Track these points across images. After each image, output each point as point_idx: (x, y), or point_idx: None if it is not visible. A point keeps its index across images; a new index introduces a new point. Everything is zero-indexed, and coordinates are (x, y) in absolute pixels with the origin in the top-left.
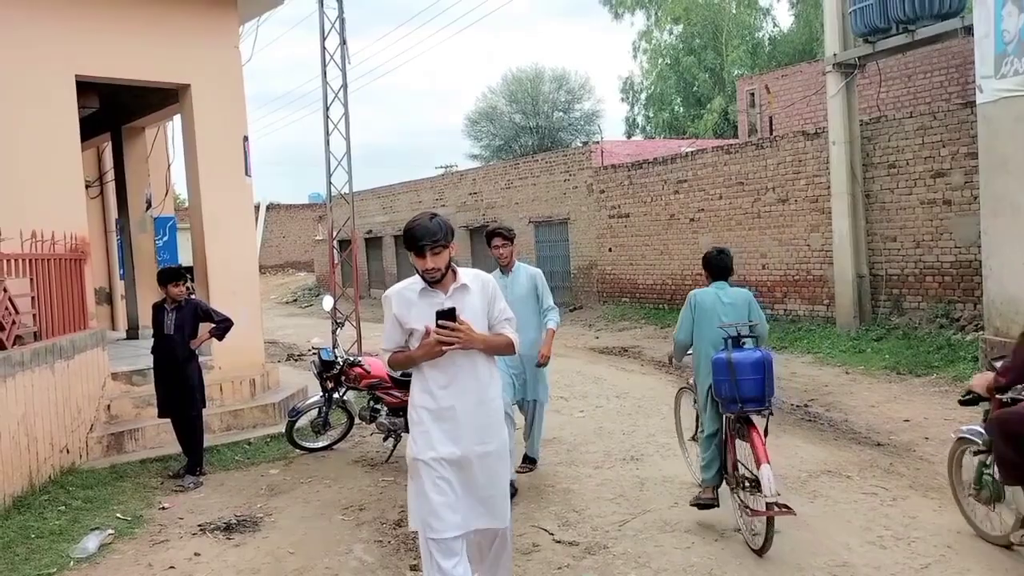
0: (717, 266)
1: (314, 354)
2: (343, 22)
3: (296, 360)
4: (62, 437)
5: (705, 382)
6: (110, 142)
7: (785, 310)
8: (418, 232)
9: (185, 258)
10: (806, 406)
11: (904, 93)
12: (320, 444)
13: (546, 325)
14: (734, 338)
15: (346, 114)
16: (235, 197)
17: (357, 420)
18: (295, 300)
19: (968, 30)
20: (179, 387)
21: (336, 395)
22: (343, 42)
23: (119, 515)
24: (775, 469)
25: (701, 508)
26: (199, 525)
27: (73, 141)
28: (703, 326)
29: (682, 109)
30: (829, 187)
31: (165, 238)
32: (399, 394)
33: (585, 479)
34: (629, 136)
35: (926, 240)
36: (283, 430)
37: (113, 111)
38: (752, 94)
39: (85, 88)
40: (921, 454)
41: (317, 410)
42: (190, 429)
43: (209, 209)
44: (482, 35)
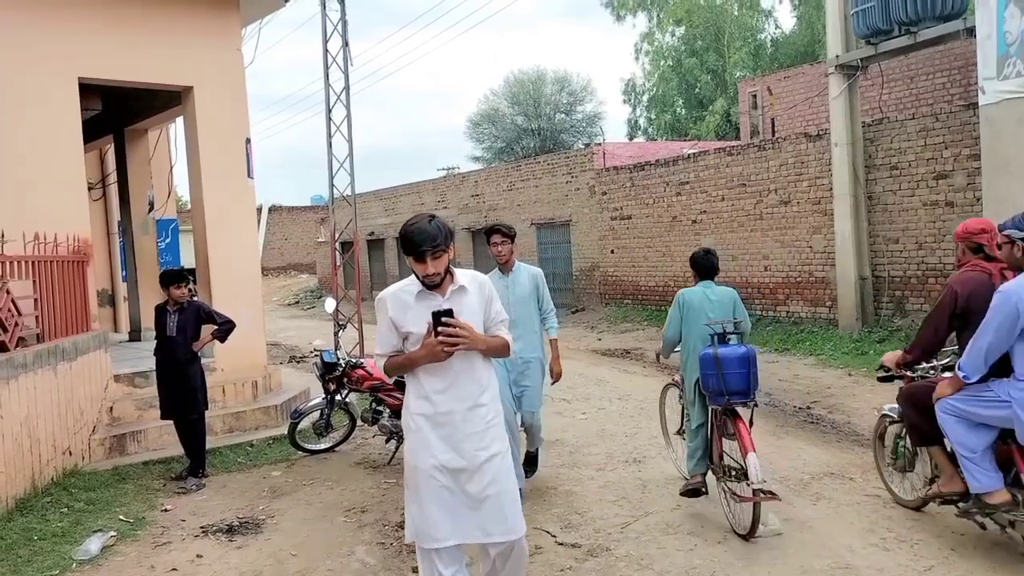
0: (704, 266)
1: (316, 356)
2: (345, 24)
3: (298, 362)
4: (64, 439)
5: (693, 376)
6: (112, 144)
7: (787, 312)
8: (417, 237)
9: (187, 260)
10: (808, 408)
11: (906, 95)
12: (322, 446)
13: (548, 333)
14: (720, 334)
15: (348, 116)
16: (237, 199)
17: (359, 422)
18: (297, 302)
19: (970, 32)
20: (181, 389)
21: (338, 397)
22: (345, 44)
23: (121, 517)
24: (778, 471)
25: (691, 495)
26: (201, 527)
27: (76, 143)
28: (691, 323)
29: (684, 111)
30: (831, 189)
31: (167, 240)
32: (401, 396)
33: (587, 481)
34: (631, 138)
35: (928, 242)
36: (285, 432)
37: (116, 113)
38: (754, 96)
39: (88, 90)
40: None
41: (319, 412)
42: (192, 431)
43: (211, 211)
44: (484, 37)
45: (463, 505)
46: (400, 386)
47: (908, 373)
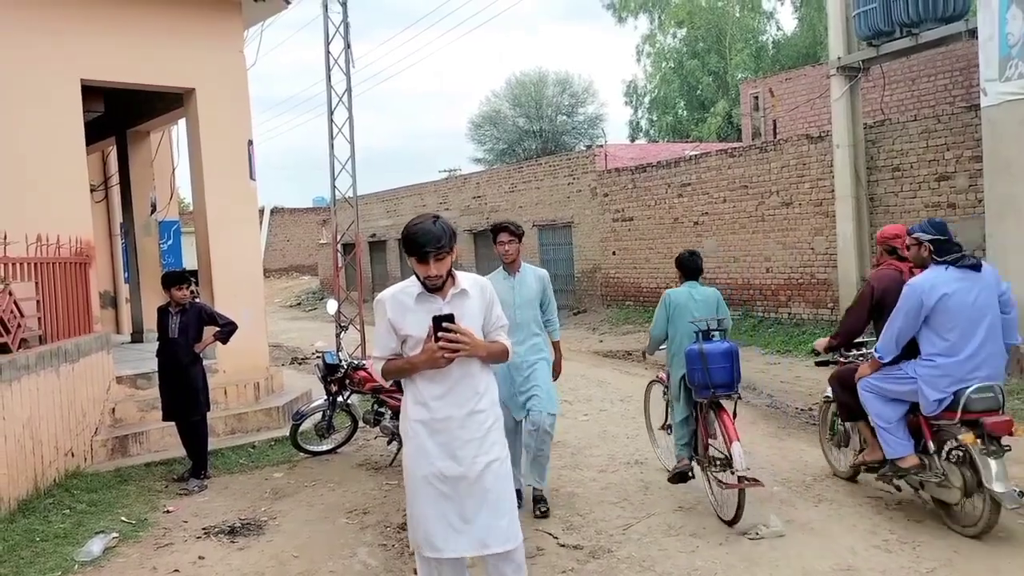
0: (689, 267)
1: (318, 357)
2: (347, 26)
3: (300, 364)
4: (67, 440)
5: (679, 372)
6: (115, 146)
7: (789, 313)
8: (421, 238)
9: (189, 262)
10: (810, 410)
11: (908, 96)
12: (324, 447)
13: (551, 336)
14: (704, 331)
15: (350, 118)
16: (239, 201)
17: (361, 423)
18: (299, 304)
19: (972, 33)
20: (183, 390)
21: (340, 398)
22: (347, 46)
23: (123, 518)
24: (780, 473)
25: (678, 480)
26: (203, 528)
27: (78, 145)
28: (677, 322)
29: (686, 112)
30: (833, 190)
31: (169, 242)
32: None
33: (589, 483)
34: (633, 140)
35: None
36: (287, 433)
37: (118, 115)
38: (756, 97)
39: (90, 92)
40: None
41: (321, 413)
42: (194, 433)
43: (213, 213)
44: (485, 39)
45: (460, 514)
46: (401, 388)
47: (841, 359)
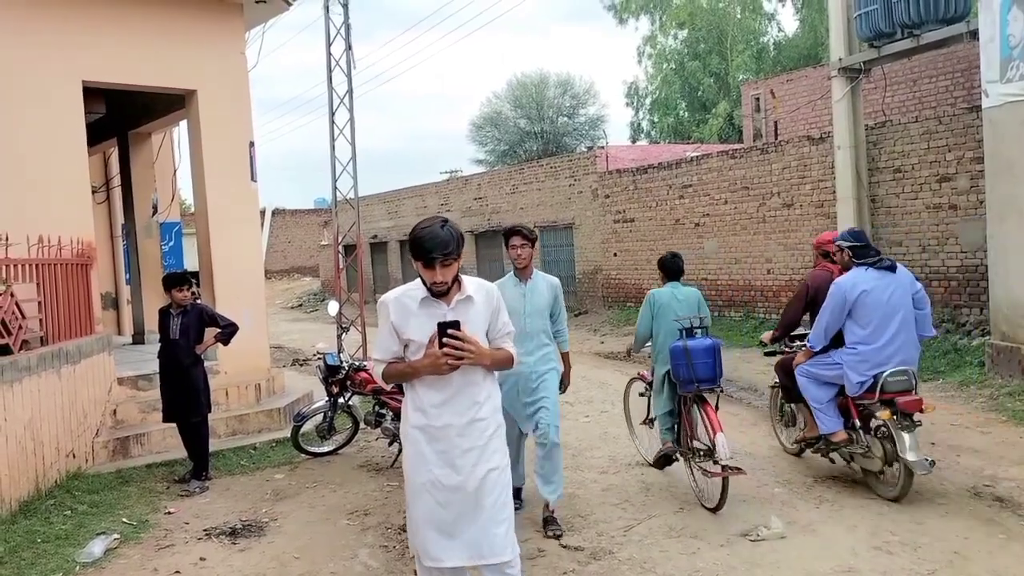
0: (671, 268)
1: (319, 359)
2: (348, 28)
3: (301, 365)
4: (68, 442)
5: (663, 368)
6: (116, 147)
7: None
8: (429, 242)
9: (191, 263)
10: None
11: (909, 98)
12: (325, 449)
13: (560, 347)
14: (688, 329)
15: (351, 119)
16: (240, 202)
17: (362, 425)
18: (300, 305)
19: (973, 34)
20: (184, 392)
21: (341, 400)
22: (348, 48)
23: (125, 520)
24: (781, 475)
25: (663, 462)
26: (204, 530)
27: (80, 146)
28: (661, 320)
29: (687, 114)
30: (834, 192)
31: (171, 243)
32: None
33: (590, 484)
34: (634, 141)
35: (932, 245)
36: (288, 435)
37: (120, 116)
38: (757, 99)
39: (92, 93)
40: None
41: (322, 415)
42: (195, 434)
43: (215, 214)
44: (486, 41)
45: (456, 523)
46: (403, 389)
47: (786, 349)
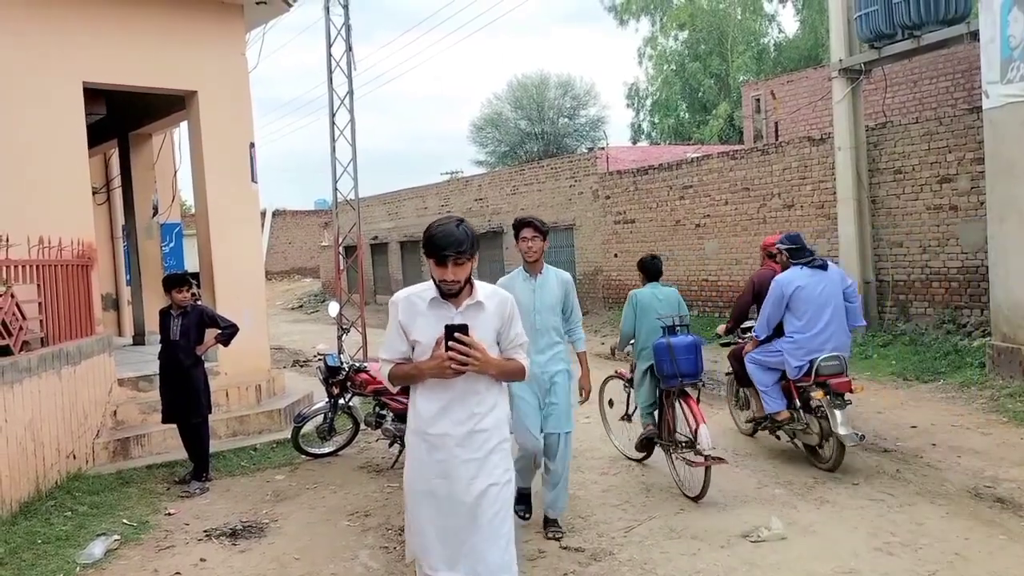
0: (651, 269)
1: (320, 360)
2: (349, 29)
3: (302, 366)
4: (68, 443)
5: (645, 364)
6: (117, 148)
7: None
8: (443, 240)
9: (191, 264)
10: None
11: (910, 99)
12: (326, 450)
13: (574, 347)
14: (670, 327)
15: (352, 120)
16: (241, 203)
17: (363, 426)
18: (301, 306)
19: (974, 35)
20: (185, 393)
21: (342, 401)
22: (349, 49)
23: (125, 521)
24: (782, 476)
25: (646, 443)
26: (205, 531)
27: (80, 147)
28: (643, 319)
29: (687, 115)
30: (835, 193)
31: (171, 244)
32: (405, 400)
33: (591, 485)
34: (634, 142)
35: (932, 246)
36: (289, 436)
37: (120, 118)
38: (758, 100)
39: (92, 95)
40: (928, 460)
41: (323, 416)
42: (196, 435)
43: (215, 215)
44: (487, 42)
45: (452, 536)
46: (404, 390)
47: (739, 340)
